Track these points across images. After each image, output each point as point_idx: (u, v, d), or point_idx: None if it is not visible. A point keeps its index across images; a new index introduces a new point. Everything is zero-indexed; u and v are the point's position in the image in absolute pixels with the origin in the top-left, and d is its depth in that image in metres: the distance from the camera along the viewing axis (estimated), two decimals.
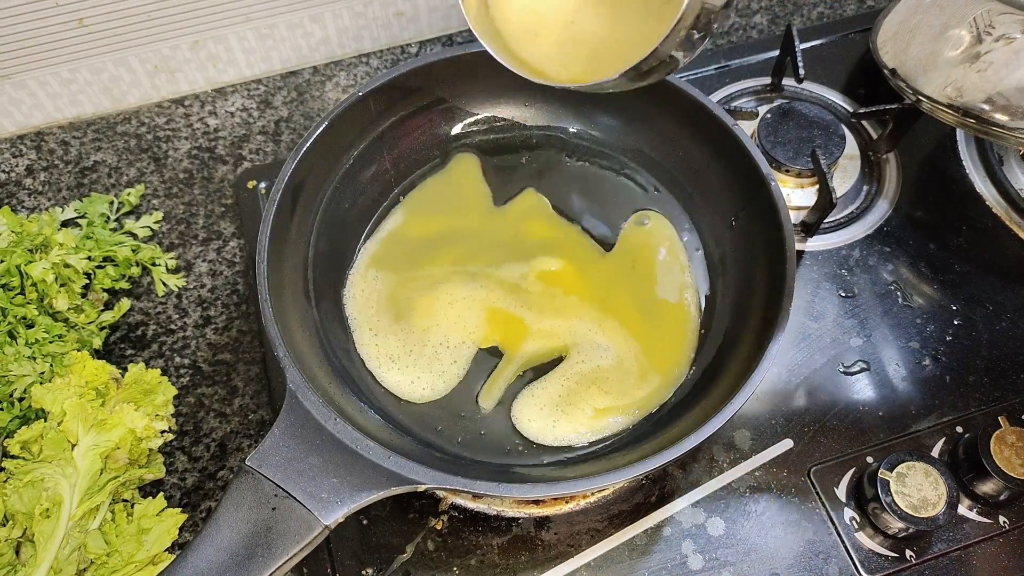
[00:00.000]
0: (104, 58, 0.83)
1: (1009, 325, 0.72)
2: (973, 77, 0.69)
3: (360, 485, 0.49)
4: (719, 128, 0.67)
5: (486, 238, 0.72)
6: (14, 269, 0.69)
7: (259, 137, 0.88)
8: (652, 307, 0.68)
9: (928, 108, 0.72)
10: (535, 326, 0.67)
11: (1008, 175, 0.79)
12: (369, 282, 0.69)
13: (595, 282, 0.69)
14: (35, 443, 0.60)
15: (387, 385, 0.64)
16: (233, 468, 0.68)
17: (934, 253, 0.76)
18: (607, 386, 0.64)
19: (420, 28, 0.93)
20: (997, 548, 0.62)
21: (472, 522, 0.63)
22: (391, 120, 0.72)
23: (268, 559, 0.47)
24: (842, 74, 0.88)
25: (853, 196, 0.80)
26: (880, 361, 0.70)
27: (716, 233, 0.71)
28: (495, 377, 0.65)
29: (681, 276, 0.69)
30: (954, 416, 0.67)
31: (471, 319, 0.67)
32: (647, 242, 0.71)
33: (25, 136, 0.87)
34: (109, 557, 0.58)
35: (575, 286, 0.69)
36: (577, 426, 0.62)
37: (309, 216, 0.67)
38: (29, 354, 0.66)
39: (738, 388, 0.53)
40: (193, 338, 0.74)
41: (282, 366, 0.54)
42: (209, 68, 0.88)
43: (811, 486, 0.64)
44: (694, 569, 0.61)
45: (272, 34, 0.87)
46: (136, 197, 0.82)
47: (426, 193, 0.74)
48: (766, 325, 0.58)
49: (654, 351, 0.66)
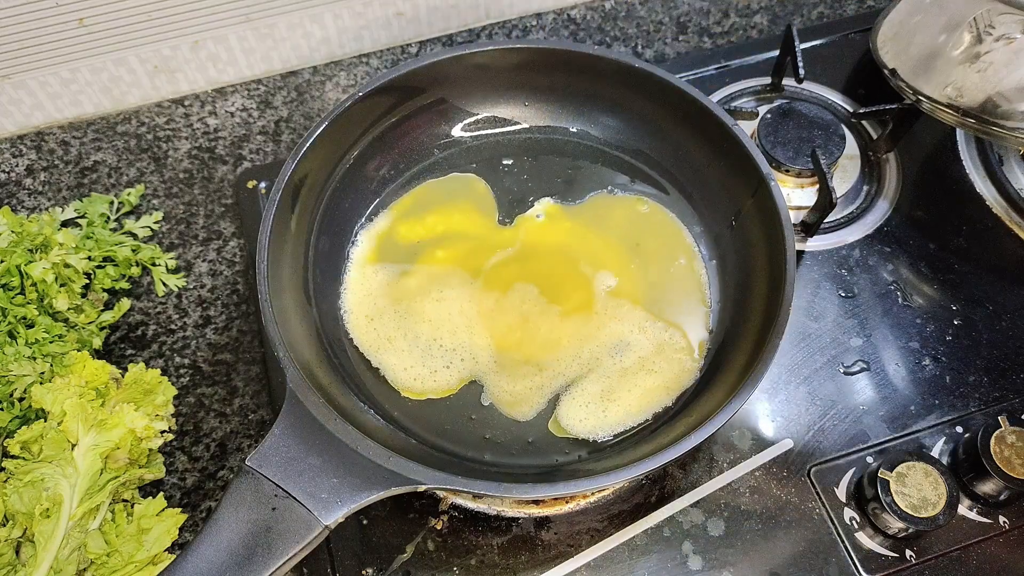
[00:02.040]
0: (104, 58, 0.83)
1: (1009, 325, 0.72)
2: (973, 77, 0.69)
3: (360, 485, 0.49)
4: (719, 128, 0.67)
5: (487, 238, 0.72)
6: (14, 269, 0.69)
7: (259, 137, 0.88)
8: (663, 278, 0.69)
9: (928, 108, 0.72)
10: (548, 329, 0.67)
11: (1008, 175, 0.79)
12: (368, 276, 0.69)
13: (602, 267, 0.69)
14: (35, 443, 0.60)
15: (387, 373, 0.64)
16: (233, 468, 0.68)
17: (934, 253, 0.76)
18: (652, 366, 0.64)
19: (420, 28, 0.93)
20: (997, 548, 0.62)
21: (472, 522, 0.63)
22: (391, 120, 0.72)
23: (268, 559, 0.47)
24: (842, 74, 0.88)
25: (853, 196, 0.79)
26: (880, 361, 0.70)
27: (716, 233, 0.71)
28: (527, 387, 0.64)
29: (683, 242, 0.70)
30: (954, 416, 0.67)
31: (471, 319, 0.67)
32: (645, 220, 0.72)
33: (25, 136, 0.87)
34: (109, 557, 0.58)
35: (583, 280, 0.69)
36: (627, 408, 0.63)
37: (309, 216, 0.67)
38: (29, 354, 0.66)
39: (738, 388, 0.53)
40: (193, 338, 0.74)
41: (282, 366, 0.54)
42: (209, 68, 0.88)
43: (811, 486, 0.64)
44: (694, 569, 0.61)
45: (272, 34, 0.87)
46: (136, 197, 0.82)
47: (427, 193, 0.74)
48: (766, 325, 0.58)
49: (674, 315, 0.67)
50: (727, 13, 0.98)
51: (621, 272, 0.69)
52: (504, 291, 0.68)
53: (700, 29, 0.97)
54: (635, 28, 0.97)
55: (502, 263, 0.70)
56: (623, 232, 0.72)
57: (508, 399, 0.64)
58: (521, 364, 0.65)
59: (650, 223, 0.73)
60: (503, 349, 0.65)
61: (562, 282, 0.69)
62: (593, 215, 0.73)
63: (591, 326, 0.66)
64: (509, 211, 0.74)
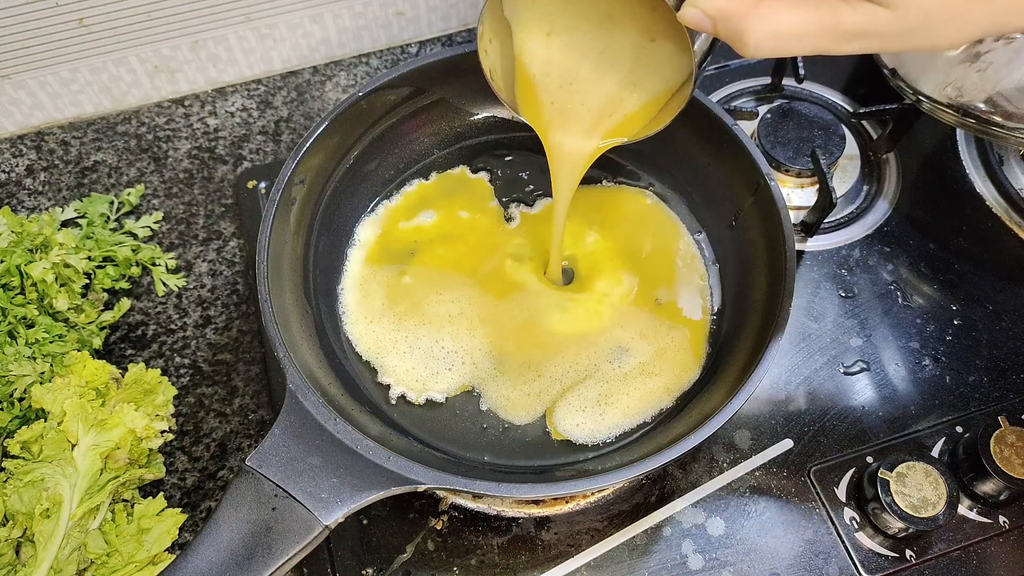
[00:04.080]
0: (104, 58, 0.83)
1: (1009, 325, 0.72)
2: (973, 77, 0.69)
3: (360, 485, 0.49)
4: (719, 128, 0.67)
5: (488, 238, 0.72)
6: (14, 269, 0.69)
7: (259, 137, 0.88)
8: (663, 278, 0.69)
9: (928, 108, 0.72)
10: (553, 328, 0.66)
11: (1008, 175, 0.79)
12: (368, 276, 0.69)
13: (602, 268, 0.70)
14: (35, 443, 0.60)
15: (387, 374, 0.64)
16: (233, 468, 0.68)
17: (934, 253, 0.76)
18: (652, 369, 0.64)
19: (420, 28, 0.93)
20: (997, 548, 0.62)
21: (472, 522, 0.63)
22: (391, 120, 0.72)
23: (268, 559, 0.47)
24: (842, 74, 0.88)
25: (853, 196, 0.80)
26: (880, 361, 0.70)
27: (716, 233, 0.71)
28: (528, 391, 0.64)
29: (683, 242, 0.71)
30: (954, 416, 0.67)
31: (472, 320, 0.67)
32: (646, 220, 0.73)
33: (25, 136, 0.87)
34: (109, 557, 0.58)
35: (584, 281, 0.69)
36: (625, 410, 0.63)
37: (309, 216, 0.67)
38: (29, 354, 0.66)
39: (738, 388, 0.53)
40: (193, 338, 0.74)
41: (282, 366, 0.54)
42: (209, 68, 0.88)
43: (811, 486, 0.64)
44: (694, 569, 0.61)
45: (272, 34, 0.87)
46: (136, 197, 0.82)
47: (427, 193, 0.74)
48: (766, 325, 0.58)
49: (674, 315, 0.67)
50: None
51: (622, 273, 0.69)
52: (505, 292, 0.68)
53: None
54: None
55: (502, 263, 0.70)
56: (623, 232, 0.72)
57: (505, 403, 0.64)
58: (521, 367, 0.65)
59: (651, 223, 0.73)
60: (503, 351, 0.65)
61: (563, 283, 0.69)
62: (595, 211, 0.73)
63: (591, 327, 0.66)
64: (510, 211, 0.74)
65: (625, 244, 0.71)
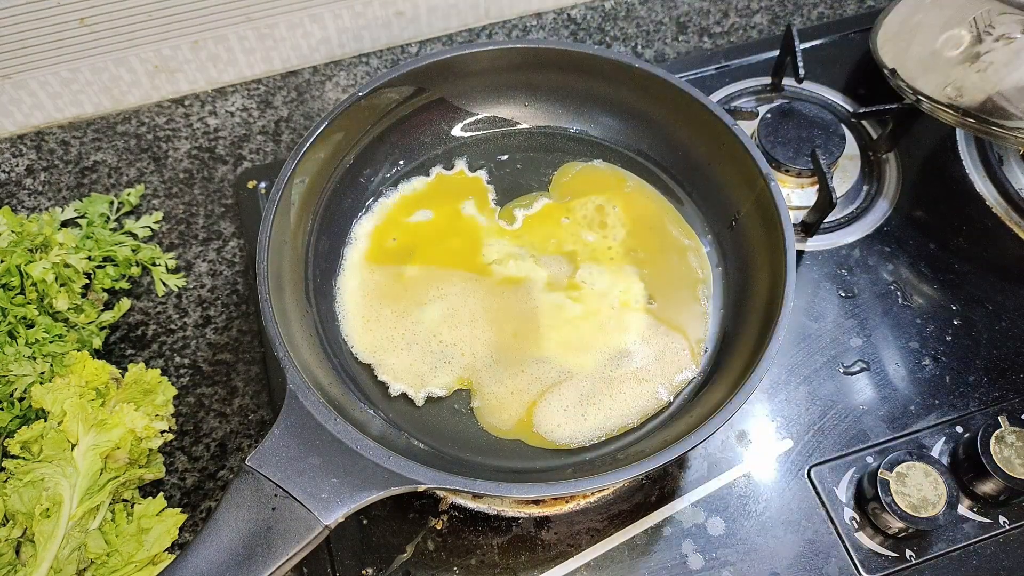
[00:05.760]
0: (105, 58, 0.83)
1: (1009, 325, 0.72)
2: (973, 77, 0.69)
3: (360, 485, 0.49)
4: (719, 128, 0.67)
5: (487, 237, 0.71)
6: (14, 269, 0.69)
7: (259, 137, 0.88)
8: (663, 278, 0.69)
9: (928, 108, 0.72)
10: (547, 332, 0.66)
11: (1008, 175, 0.79)
12: (367, 275, 0.69)
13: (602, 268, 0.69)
14: (35, 443, 0.60)
15: (386, 373, 0.64)
16: (233, 468, 0.68)
17: (934, 253, 0.76)
18: (643, 374, 0.64)
19: (420, 28, 0.93)
20: (997, 548, 0.62)
21: (472, 522, 0.63)
22: (391, 120, 0.72)
23: (268, 559, 0.47)
24: (842, 74, 0.88)
25: (853, 196, 0.80)
26: (880, 361, 0.70)
27: (716, 233, 0.71)
28: (514, 395, 0.64)
29: (683, 242, 0.71)
30: (954, 416, 0.67)
31: (470, 319, 0.67)
32: (646, 220, 0.73)
33: (25, 136, 0.87)
34: (109, 557, 0.58)
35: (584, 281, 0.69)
36: (608, 413, 0.62)
37: (309, 216, 0.67)
38: (29, 354, 0.66)
39: (738, 388, 0.53)
40: (193, 338, 0.74)
41: (282, 366, 0.54)
42: (209, 68, 0.88)
43: (811, 486, 0.64)
44: (694, 569, 0.61)
45: (272, 34, 0.87)
46: (136, 197, 0.82)
47: (426, 192, 0.74)
48: (766, 325, 0.58)
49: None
50: (727, 13, 0.98)
51: (621, 273, 0.69)
52: (503, 291, 0.68)
53: (700, 29, 0.97)
54: (635, 28, 0.97)
55: (501, 263, 0.70)
56: (623, 232, 0.72)
57: (495, 403, 0.63)
58: (517, 366, 0.65)
59: (651, 223, 0.72)
60: (501, 350, 0.65)
61: (562, 282, 0.69)
62: (595, 210, 0.73)
63: (592, 327, 0.66)
64: (509, 211, 0.74)
65: (624, 244, 0.71)
